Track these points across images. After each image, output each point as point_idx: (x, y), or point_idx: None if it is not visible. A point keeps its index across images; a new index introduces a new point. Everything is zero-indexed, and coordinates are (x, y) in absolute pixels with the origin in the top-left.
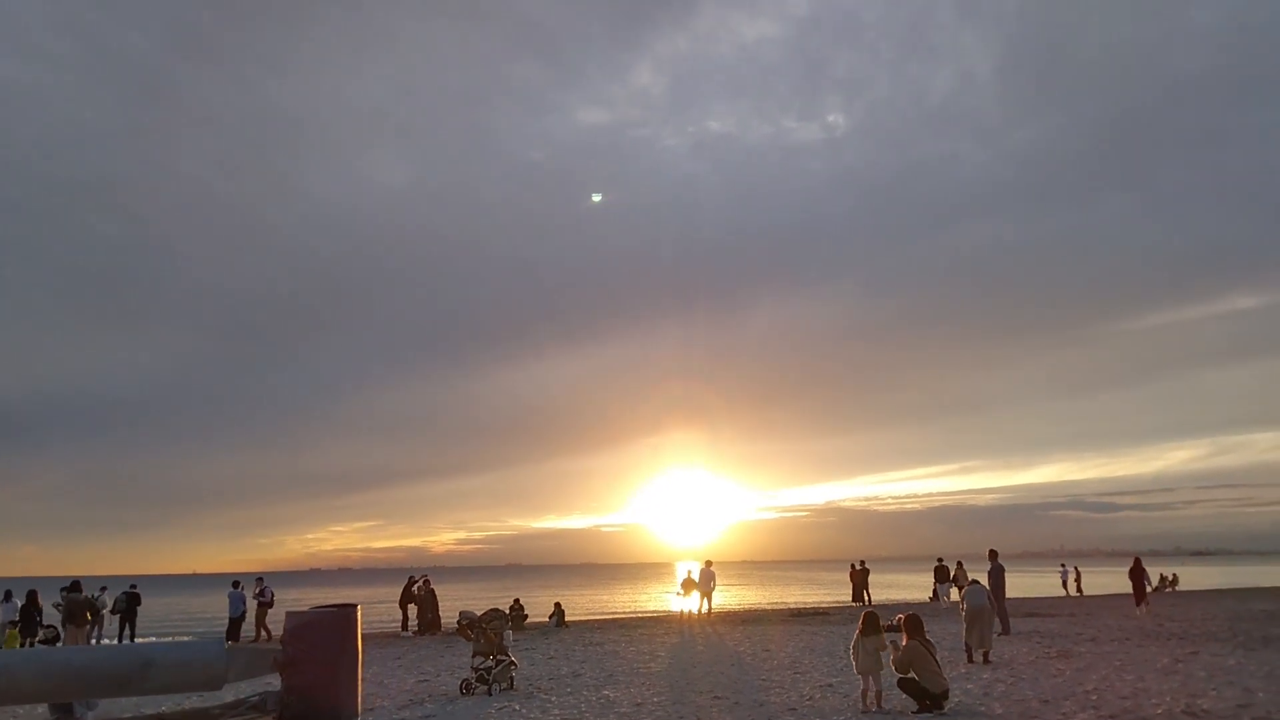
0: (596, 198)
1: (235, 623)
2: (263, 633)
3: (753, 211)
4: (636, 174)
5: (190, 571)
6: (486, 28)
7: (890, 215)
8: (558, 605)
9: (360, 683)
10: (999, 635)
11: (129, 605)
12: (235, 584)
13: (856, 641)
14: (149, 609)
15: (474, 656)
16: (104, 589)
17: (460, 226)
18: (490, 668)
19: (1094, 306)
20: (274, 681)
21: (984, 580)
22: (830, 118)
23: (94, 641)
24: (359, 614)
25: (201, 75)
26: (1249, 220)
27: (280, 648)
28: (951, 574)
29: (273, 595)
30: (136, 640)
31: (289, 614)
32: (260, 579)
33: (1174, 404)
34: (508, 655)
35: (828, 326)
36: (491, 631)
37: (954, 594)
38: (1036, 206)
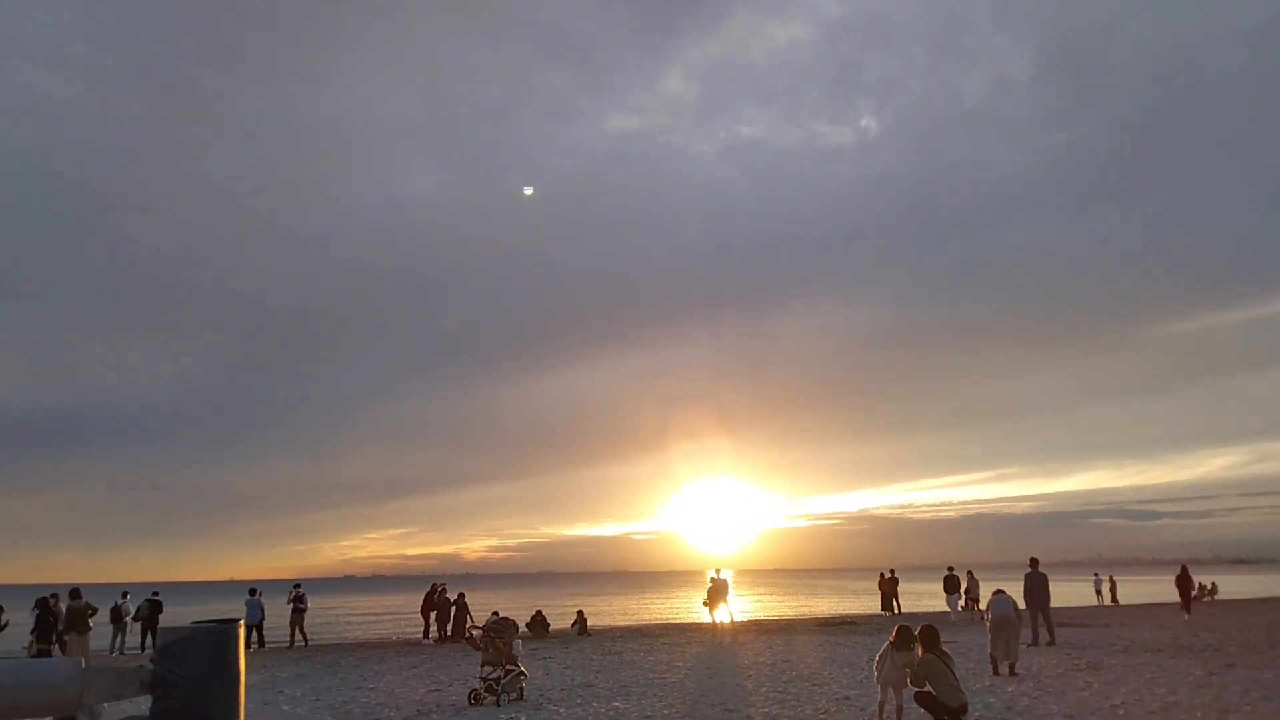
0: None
1: (252, 629)
2: (298, 638)
3: (783, 217)
4: (667, 180)
5: (226, 578)
6: (516, 37)
7: (923, 220)
8: (580, 614)
9: (242, 706)
10: (1047, 645)
11: (151, 613)
12: (253, 591)
13: (885, 652)
14: (176, 616)
15: (483, 666)
16: (126, 595)
17: (490, 235)
18: (499, 678)
19: (1131, 311)
20: (143, 704)
21: (1018, 589)
22: (862, 121)
23: (116, 650)
24: (240, 631)
25: (234, 87)
26: None
27: (148, 667)
28: (963, 584)
29: (308, 602)
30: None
31: (161, 630)
32: (297, 585)
33: (1213, 410)
34: (517, 665)
35: (860, 332)
36: (500, 641)
37: (961, 604)
38: (1071, 210)
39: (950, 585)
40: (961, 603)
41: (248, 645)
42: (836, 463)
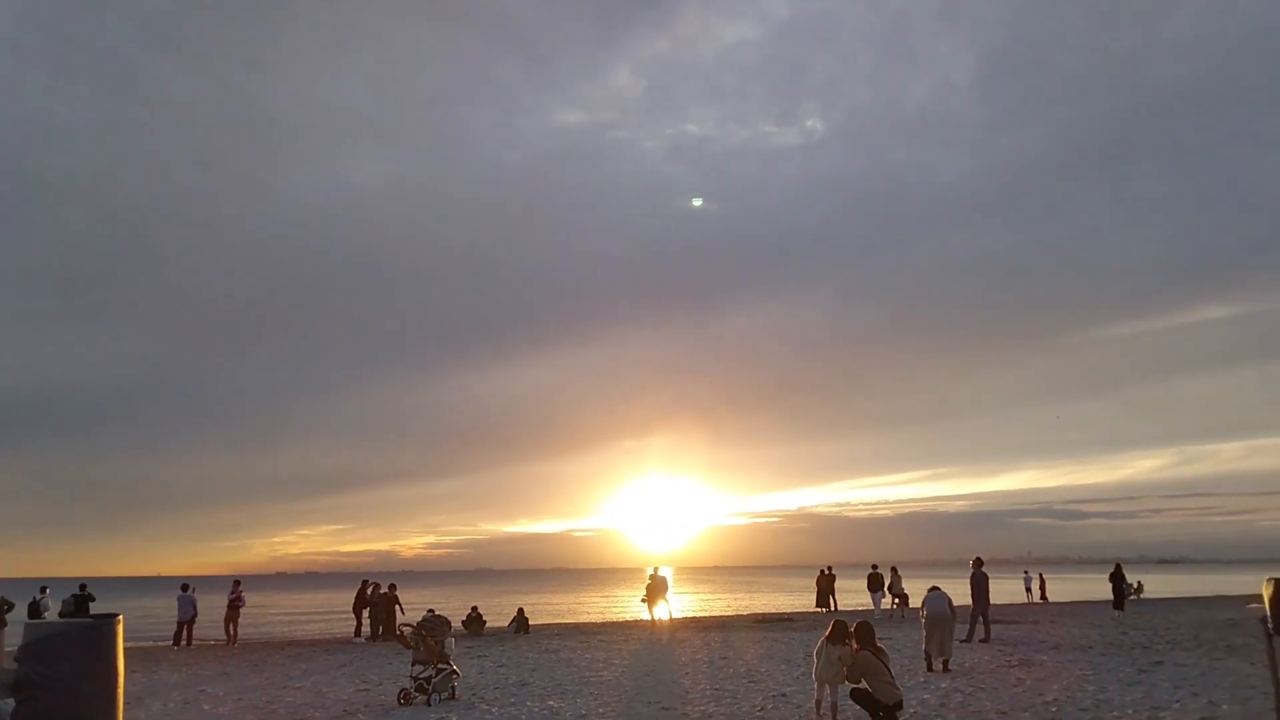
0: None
1: (183, 626)
2: (232, 634)
3: (729, 216)
4: (613, 176)
5: (154, 574)
6: (464, 28)
7: (867, 222)
8: (520, 611)
9: (119, 709)
10: (980, 641)
11: (78, 608)
12: (184, 587)
13: (821, 646)
14: (105, 612)
15: (413, 665)
16: (45, 590)
17: (434, 228)
18: (430, 677)
19: (1066, 316)
20: (6, 708)
21: (952, 587)
22: (809, 123)
23: None
24: (119, 627)
25: (176, 71)
26: (1221, 231)
27: (13, 668)
28: (886, 581)
29: (244, 599)
30: None
31: (27, 626)
32: (237, 582)
33: (1143, 413)
34: (450, 664)
35: (802, 332)
36: (432, 639)
37: (885, 603)
38: (1012, 215)
39: (874, 583)
40: (885, 600)
41: (177, 641)
42: (777, 461)
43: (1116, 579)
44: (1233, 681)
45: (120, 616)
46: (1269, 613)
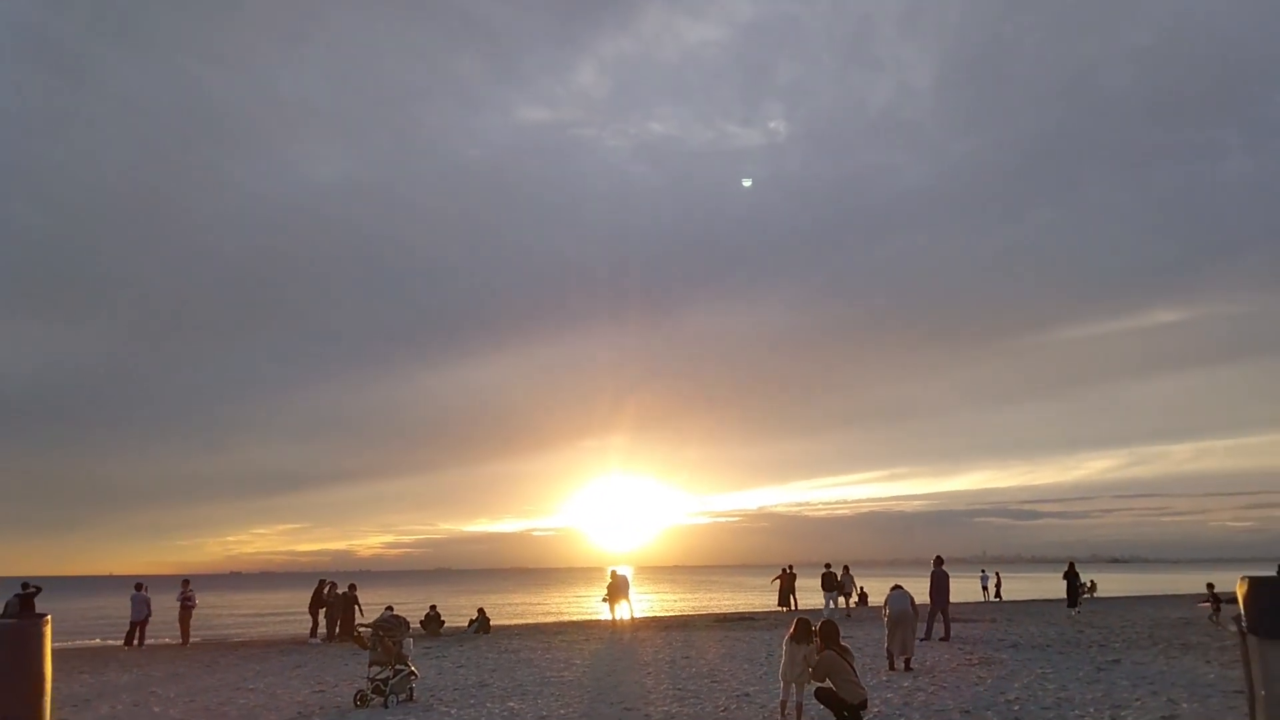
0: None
1: (136, 626)
2: (184, 634)
3: (692, 215)
4: (576, 174)
5: (106, 573)
6: (425, 21)
7: (827, 224)
8: (480, 611)
9: (47, 708)
10: (940, 640)
11: (22, 608)
12: (139, 586)
13: (787, 645)
14: (54, 612)
15: (370, 666)
16: None
17: (391, 225)
18: (388, 678)
19: (1021, 318)
20: None
21: (911, 585)
22: (772, 124)
23: None
24: (48, 628)
25: (128, 61)
26: (1171, 237)
27: None
28: (838, 579)
29: (195, 599)
30: None
31: None
32: (186, 581)
33: (1095, 415)
34: (408, 665)
35: (763, 332)
36: (389, 639)
37: (842, 602)
38: (969, 219)
39: (828, 582)
40: (840, 600)
41: (129, 642)
42: (737, 461)
43: (1071, 578)
44: (1190, 680)
45: (49, 616)
46: (1242, 611)
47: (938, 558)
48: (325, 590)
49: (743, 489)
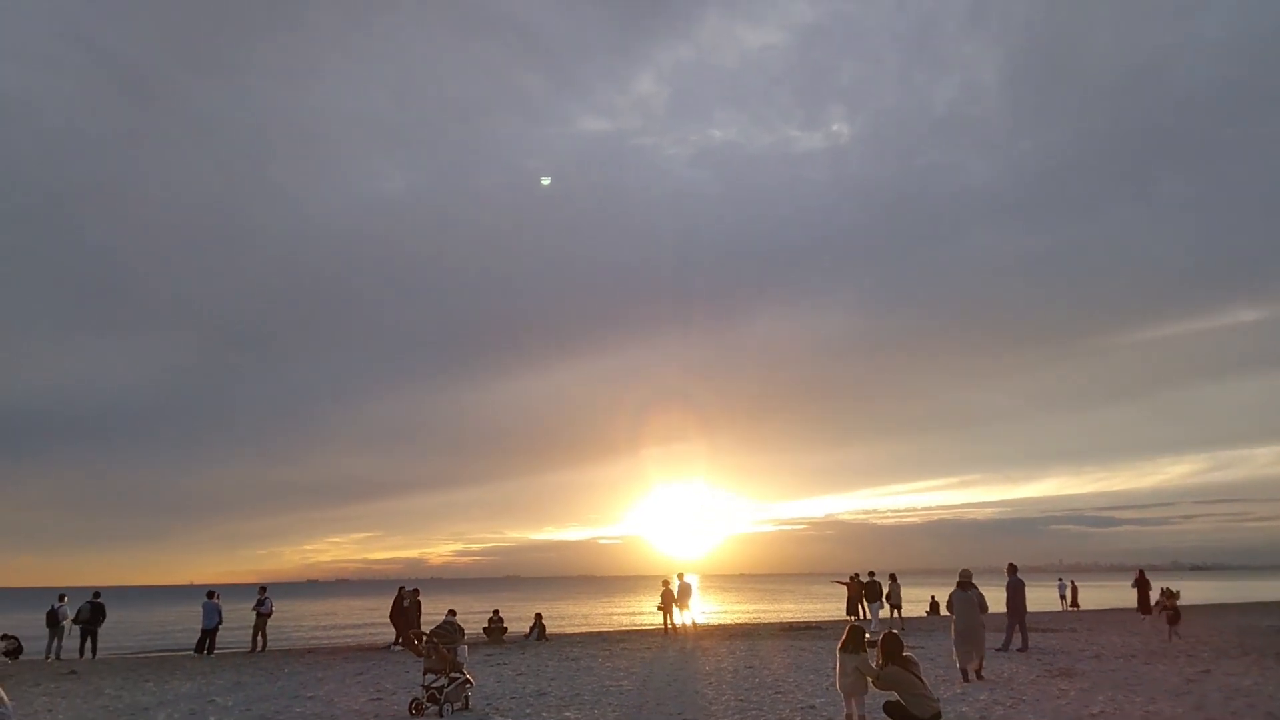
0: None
1: (208, 634)
2: (258, 642)
3: (754, 221)
4: (637, 183)
5: (187, 583)
6: (487, 36)
7: (892, 226)
8: (538, 617)
9: None
10: (1018, 650)
11: (93, 616)
12: (211, 594)
13: (840, 654)
14: (131, 621)
15: (425, 674)
16: (63, 598)
17: (458, 236)
18: (443, 686)
19: (1095, 319)
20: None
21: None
22: (834, 127)
23: (52, 655)
24: None
25: (199, 82)
26: (1251, 233)
27: None
28: (884, 590)
29: (272, 606)
30: (98, 654)
31: None
32: (263, 589)
33: (1174, 418)
34: (463, 672)
35: (828, 337)
36: (444, 646)
37: (885, 613)
38: (1039, 218)
39: (872, 592)
40: (884, 610)
41: (200, 649)
42: (803, 468)
43: (1141, 585)
44: None
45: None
46: None
47: (1011, 565)
48: (405, 600)
49: (809, 496)
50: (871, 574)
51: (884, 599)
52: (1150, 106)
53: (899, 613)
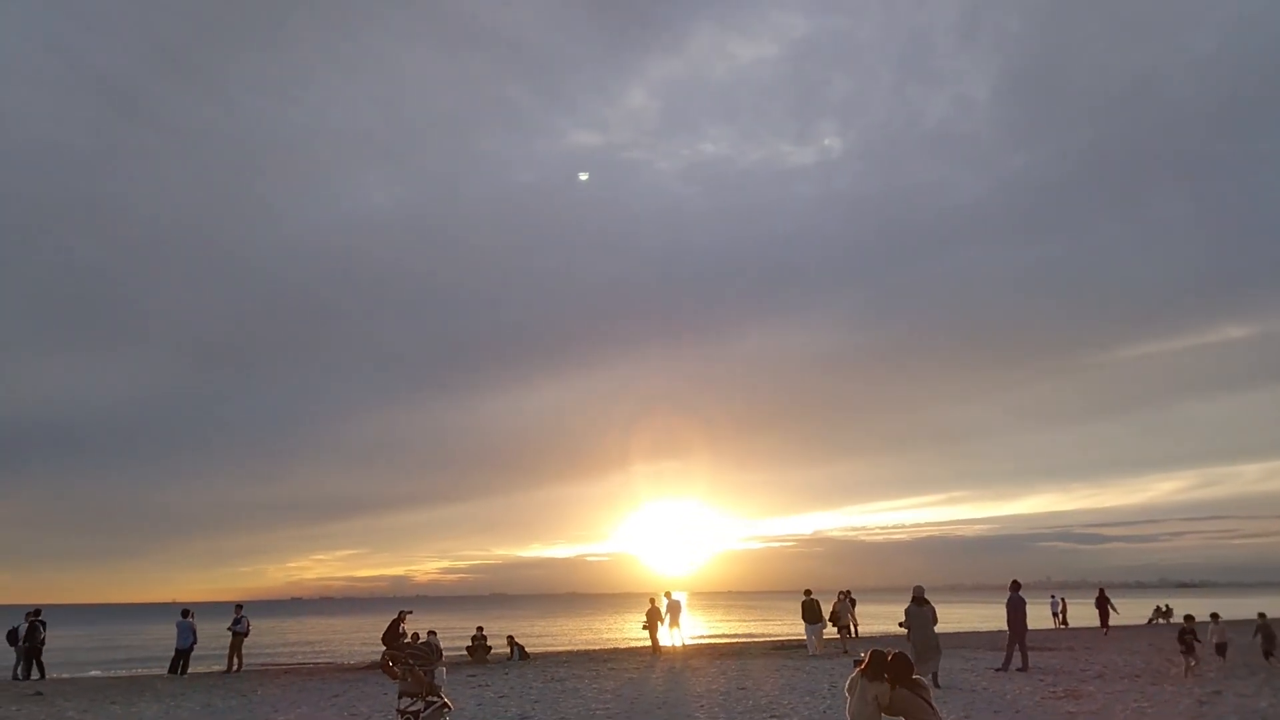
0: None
1: (182, 654)
2: (234, 663)
3: (744, 236)
4: (627, 197)
5: (169, 600)
6: (475, 48)
7: (883, 241)
8: (510, 639)
9: None
10: (1018, 670)
11: (30, 635)
12: (185, 613)
13: (854, 680)
14: (109, 639)
15: (400, 697)
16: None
17: (443, 250)
18: (418, 710)
19: (1083, 336)
20: None
21: (971, 612)
22: (826, 141)
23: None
24: None
25: (183, 96)
26: (1239, 250)
27: None
28: (832, 609)
29: (249, 625)
30: (45, 676)
31: None
32: (239, 607)
33: (1162, 435)
34: (440, 696)
35: (817, 353)
36: (420, 668)
37: (827, 632)
38: (1028, 234)
39: (810, 613)
40: (828, 630)
41: (174, 670)
42: (791, 484)
43: (1100, 602)
44: None
45: None
46: None
47: (1015, 583)
48: (401, 624)
49: (797, 513)
50: (808, 592)
51: (831, 619)
52: (1141, 123)
53: (849, 633)
